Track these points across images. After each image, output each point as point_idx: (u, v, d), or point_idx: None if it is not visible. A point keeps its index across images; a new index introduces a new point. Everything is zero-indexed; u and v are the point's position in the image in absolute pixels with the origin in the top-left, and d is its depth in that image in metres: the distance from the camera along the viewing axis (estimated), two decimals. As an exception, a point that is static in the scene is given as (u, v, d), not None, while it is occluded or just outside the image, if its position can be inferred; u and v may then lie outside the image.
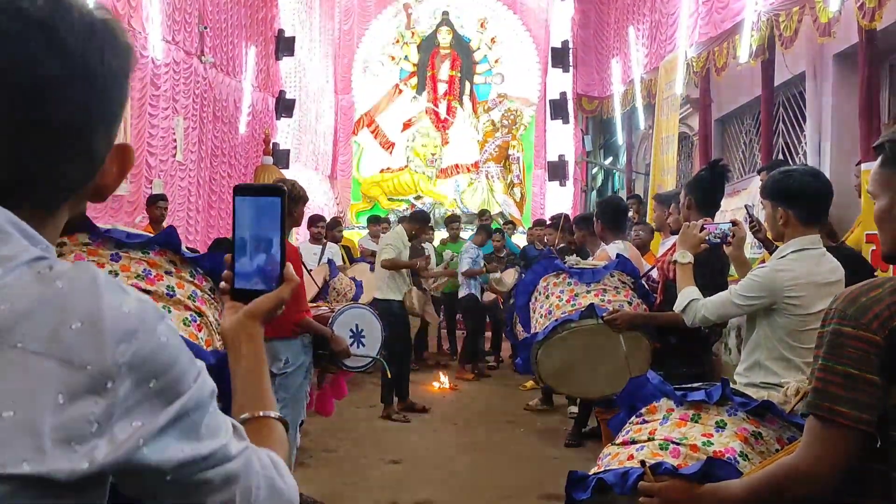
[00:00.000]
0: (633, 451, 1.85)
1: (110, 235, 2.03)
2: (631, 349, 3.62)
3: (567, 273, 3.81)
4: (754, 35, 6.85)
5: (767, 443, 1.80)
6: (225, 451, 0.80)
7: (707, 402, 1.88)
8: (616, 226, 4.56)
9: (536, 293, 3.89)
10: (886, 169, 1.45)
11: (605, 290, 3.73)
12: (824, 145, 6.86)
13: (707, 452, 1.76)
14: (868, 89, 5.52)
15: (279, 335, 3.93)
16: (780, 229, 2.63)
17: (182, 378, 0.76)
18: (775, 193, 2.61)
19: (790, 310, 2.57)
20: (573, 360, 3.70)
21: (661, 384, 2.01)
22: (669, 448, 1.80)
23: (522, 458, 5.41)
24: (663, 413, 1.93)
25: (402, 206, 15.83)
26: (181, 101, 9.19)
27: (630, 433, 1.95)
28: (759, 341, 2.66)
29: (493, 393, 7.52)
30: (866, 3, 5.02)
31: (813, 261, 2.59)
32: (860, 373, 1.30)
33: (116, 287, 0.75)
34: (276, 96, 13.05)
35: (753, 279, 2.66)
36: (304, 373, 4.26)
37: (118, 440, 0.71)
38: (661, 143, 9.39)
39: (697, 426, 1.85)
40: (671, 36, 9.23)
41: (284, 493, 0.89)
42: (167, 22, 8.66)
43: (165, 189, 8.47)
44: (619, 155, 13.72)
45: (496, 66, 16.86)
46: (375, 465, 5.20)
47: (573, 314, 3.64)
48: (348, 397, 7.11)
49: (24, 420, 0.67)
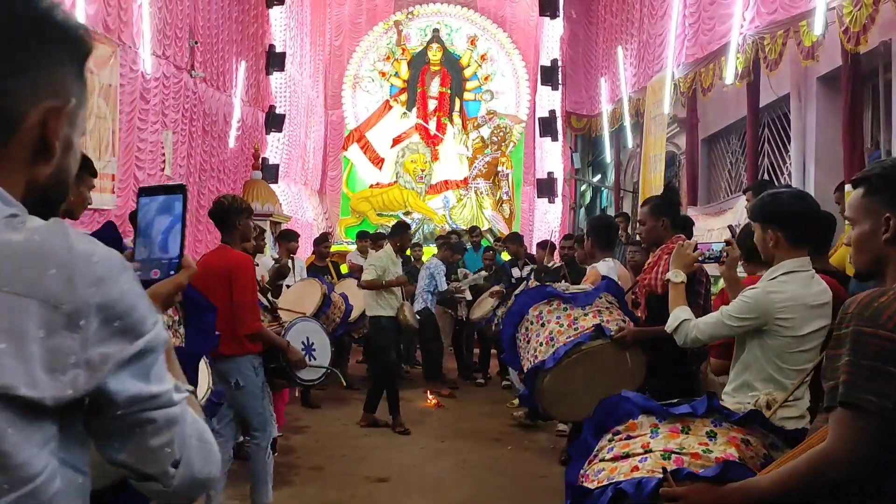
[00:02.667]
0: (636, 462, 1.86)
1: None
2: (635, 365, 3.66)
3: (561, 299, 3.77)
4: (740, 57, 6.96)
5: (755, 448, 1.86)
6: (169, 396, 0.90)
7: (693, 414, 1.92)
8: (606, 244, 4.60)
9: (527, 322, 3.82)
10: (870, 198, 1.65)
11: (601, 311, 3.74)
12: (809, 166, 6.94)
13: (709, 459, 1.79)
14: (852, 111, 5.60)
15: (231, 351, 3.89)
16: (770, 251, 2.65)
17: (143, 321, 0.87)
18: (765, 216, 2.64)
19: (781, 331, 2.58)
20: (576, 385, 3.63)
21: (645, 401, 2.02)
22: (672, 458, 1.82)
23: (510, 477, 5.39)
24: (647, 428, 1.95)
25: (391, 222, 15.81)
26: (170, 115, 9.19)
27: (614, 450, 1.96)
28: (748, 362, 2.68)
29: (481, 410, 7.51)
30: (851, 27, 5.10)
31: (803, 283, 2.61)
32: (883, 366, 1.46)
33: (87, 239, 0.86)
34: (266, 111, 13.07)
35: (745, 300, 2.67)
36: (260, 393, 4.14)
37: (94, 367, 0.82)
38: (649, 162, 9.47)
39: (690, 437, 1.88)
40: (659, 56, 9.34)
41: (212, 447, 0.99)
42: (158, 36, 8.68)
43: (153, 203, 8.43)
44: (607, 173, 13.81)
45: (486, 83, 16.98)
46: (362, 482, 5.16)
47: (579, 337, 3.61)
48: (334, 414, 7.09)
49: (16, 351, 0.78)
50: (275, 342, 4.21)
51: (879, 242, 1.62)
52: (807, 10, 5.76)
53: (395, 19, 17.01)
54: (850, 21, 5.10)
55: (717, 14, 7.60)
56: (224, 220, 4.09)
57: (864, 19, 4.96)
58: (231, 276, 3.97)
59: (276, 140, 13.61)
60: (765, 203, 2.66)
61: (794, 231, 2.60)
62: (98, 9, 7.22)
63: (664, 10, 9.16)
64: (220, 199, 4.21)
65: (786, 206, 2.59)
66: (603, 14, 12.28)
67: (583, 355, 3.61)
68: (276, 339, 4.23)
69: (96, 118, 7.26)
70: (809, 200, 2.67)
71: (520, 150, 16.81)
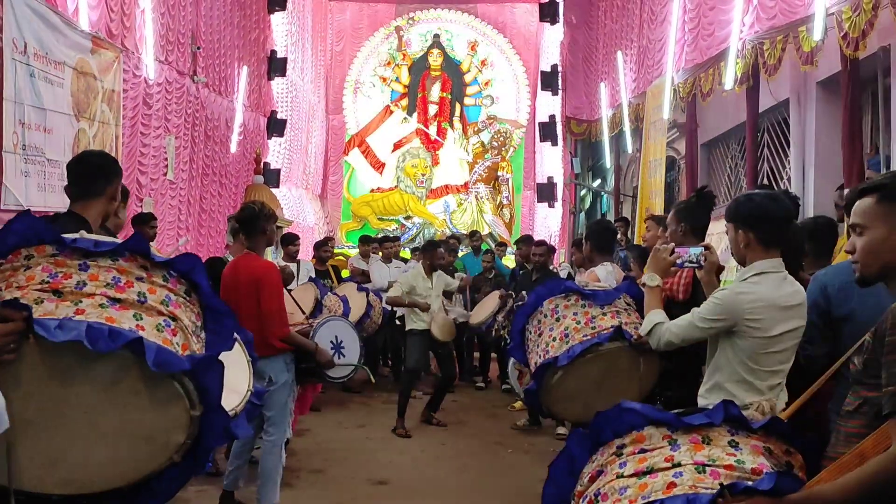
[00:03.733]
0: (670, 478, 1.74)
1: (77, 245, 1.98)
2: (646, 372, 3.57)
3: (580, 294, 3.66)
4: (739, 62, 6.98)
5: (777, 457, 1.80)
6: None
7: (711, 424, 1.82)
8: (605, 248, 4.61)
9: (540, 315, 3.70)
10: (884, 204, 1.68)
11: (619, 313, 3.62)
12: (808, 170, 6.97)
13: (745, 470, 1.72)
14: (851, 116, 5.63)
15: (264, 353, 3.93)
16: (741, 252, 2.66)
17: None
18: (737, 217, 2.65)
19: (751, 332, 2.58)
20: (586, 385, 3.54)
21: (652, 411, 1.90)
22: (707, 471, 1.74)
23: (510, 480, 5.40)
24: (662, 440, 1.83)
25: (391, 227, 15.88)
26: (173, 121, 9.23)
27: (628, 465, 1.83)
28: (719, 364, 2.68)
29: (481, 414, 7.52)
30: (849, 32, 5.13)
31: (774, 284, 2.60)
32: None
33: None
34: (268, 116, 13.11)
35: (715, 302, 2.67)
36: (287, 390, 4.27)
37: None
38: (649, 167, 9.50)
39: (715, 448, 1.78)
40: (658, 61, 9.37)
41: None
42: (160, 42, 8.72)
43: (156, 208, 8.48)
44: (607, 177, 13.84)
45: (486, 88, 17.03)
46: (362, 485, 5.18)
47: (597, 336, 3.51)
48: (335, 417, 7.10)
49: None
50: (303, 346, 4.30)
51: (893, 249, 1.65)
52: (806, 15, 5.79)
53: (395, 25, 17.07)
54: (849, 26, 5.13)
55: (716, 19, 7.63)
56: (253, 226, 4.20)
57: (863, 25, 4.99)
58: (259, 284, 4.09)
59: (278, 145, 13.66)
60: (738, 203, 2.67)
61: (766, 232, 2.60)
62: (101, 14, 7.26)
63: (664, 15, 9.20)
64: (249, 205, 4.31)
65: (757, 208, 2.60)
66: (603, 19, 12.33)
67: (598, 356, 3.51)
68: (304, 343, 4.31)
69: (100, 124, 7.30)
70: (783, 203, 2.64)
71: (520, 154, 16.86)
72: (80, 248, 1.98)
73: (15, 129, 5.85)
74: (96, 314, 1.89)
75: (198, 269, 2.12)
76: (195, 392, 1.98)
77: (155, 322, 1.97)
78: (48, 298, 1.89)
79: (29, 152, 6.07)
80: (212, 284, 2.17)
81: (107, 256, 2.00)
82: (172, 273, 2.08)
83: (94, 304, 1.91)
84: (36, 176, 6.18)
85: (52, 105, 6.40)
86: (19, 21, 5.84)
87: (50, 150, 6.35)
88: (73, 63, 6.73)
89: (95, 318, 1.88)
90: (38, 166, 6.20)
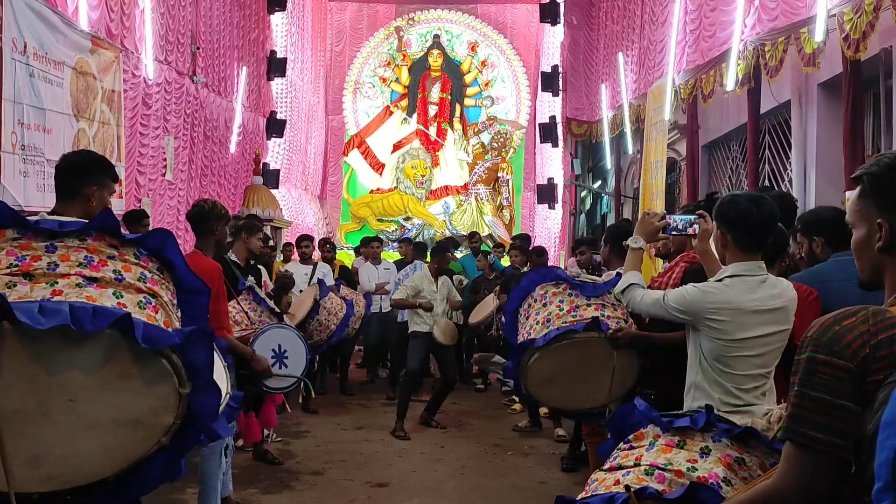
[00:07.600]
0: (620, 476, 1.88)
1: (41, 227, 1.89)
2: (621, 367, 3.64)
3: (569, 283, 3.79)
4: (740, 63, 6.97)
5: (751, 468, 1.82)
6: None
7: (692, 428, 1.90)
8: (622, 251, 4.60)
9: (531, 299, 3.86)
10: (864, 200, 1.46)
11: (605, 306, 3.74)
12: (809, 172, 6.95)
13: (691, 478, 1.78)
14: (852, 117, 5.62)
15: None
16: (721, 252, 2.67)
17: None
18: (718, 217, 2.64)
19: (712, 333, 2.59)
20: (562, 371, 3.68)
21: (648, 410, 2.02)
22: (655, 473, 1.83)
23: (510, 482, 5.38)
24: (650, 439, 1.96)
25: (391, 228, 15.86)
26: (172, 121, 9.21)
27: (618, 459, 1.98)
28: (693, 361, 2.69)
29: (481, 416, 7.50)
30: (851, 34, 5.12)
31: (746, 287, 2.57)
32: (834, 399, 1.31)
33: None
34: (267, 116, 13.10)
35: (684, 294, 2.69)
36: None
37: None
38: (650, 168, 9.48)
39: (683, 452, 1.87)
40: (659, 63, 9.36)
41: None
42: (160, 42, 8.70)
43: (154, 208, 8.46)
44: (607, 179, 13.82)
45: (486, 89, 17.02)
46: (362, 488, 5.15)
47: (575, 325, 3.64)
48: (334, 419, 7.08)
49: None
50: (239, 351, 4.15)
51: (874, 250, 1.43)
52: (807, 16, 5.78)
53: (395, 25, 17.07)
54: (850, 28, 5.12)
55: (717, 21, 7.62)
56: (201, 225, 4.03)
57: (865, 26, 4.99)
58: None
59: (277, 145, 13.65)
60: (722, 204, 2.66)
61: (743, 235, 2.58)
62: (101, 14, 7.25)
63: (665, 16, 9.19)
64: (199, 203, 4.15)
65: (736, 210, 2.57)
66: (604, 20, 12.32)
67: (573, 343, 3.64)
68: (240, 348, 4.18)
69: (100, 124, 7.27)
70: (766, 206, 2.57)
71: (520, 155, 16.84)
72: (44, 229, 1.90)
73: (14, 129, 5.82)
74: (75, 294, 1.81)
75: (169, 245, 2.05)
76: (183, 369, 1.91)
77: (136, 299, 1.90)
78: (20, 282, 1.81)
79: (28, 152, 6.05)
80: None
81: (73, 237, 1.92)
82: (142, 251, 2.02)
83: (71, 284, 1.83)
84: (35, 176, 6.16)
85: (52, 105, 6.38)
86: (19, 21, 5.82)
87: (49, 151, 6.32)
88: (73, 63, 6.71)
89: (75, 297, 1.80)
90: (37, 166, 6.18)
